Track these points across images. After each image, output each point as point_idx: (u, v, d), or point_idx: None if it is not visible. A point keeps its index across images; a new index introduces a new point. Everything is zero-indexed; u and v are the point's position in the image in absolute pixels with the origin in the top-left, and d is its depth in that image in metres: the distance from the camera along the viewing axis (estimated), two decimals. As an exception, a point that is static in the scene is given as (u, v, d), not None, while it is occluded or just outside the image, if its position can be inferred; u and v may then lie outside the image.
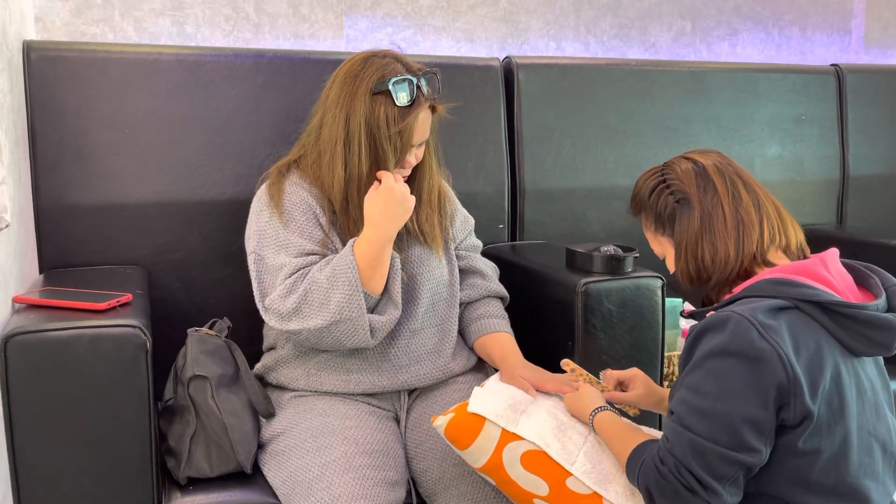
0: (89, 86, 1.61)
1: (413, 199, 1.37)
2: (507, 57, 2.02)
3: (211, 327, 1.44)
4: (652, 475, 1.04)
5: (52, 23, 1.81)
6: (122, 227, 1.65)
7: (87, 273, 1.56)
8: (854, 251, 1.16)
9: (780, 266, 1.10)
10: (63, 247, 1.61)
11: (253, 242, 1.41)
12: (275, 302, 1.33)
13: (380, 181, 1.36)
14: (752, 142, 2.25)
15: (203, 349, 1.38)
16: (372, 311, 1.35)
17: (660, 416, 1.58)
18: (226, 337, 1.44)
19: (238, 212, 1.59)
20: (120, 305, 1.29)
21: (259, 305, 1.38)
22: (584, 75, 2.06)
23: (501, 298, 1.60)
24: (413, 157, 1.42)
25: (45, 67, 1.59)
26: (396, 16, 2.13)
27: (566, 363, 1.39)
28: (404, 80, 1.35)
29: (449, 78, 1.90)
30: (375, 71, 1.37)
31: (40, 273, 1.61)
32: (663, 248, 1.21)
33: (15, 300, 1.32)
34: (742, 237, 1.11)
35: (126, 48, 1.68)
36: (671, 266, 1.20)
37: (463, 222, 1.60)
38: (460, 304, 1.56)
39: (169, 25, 1.90)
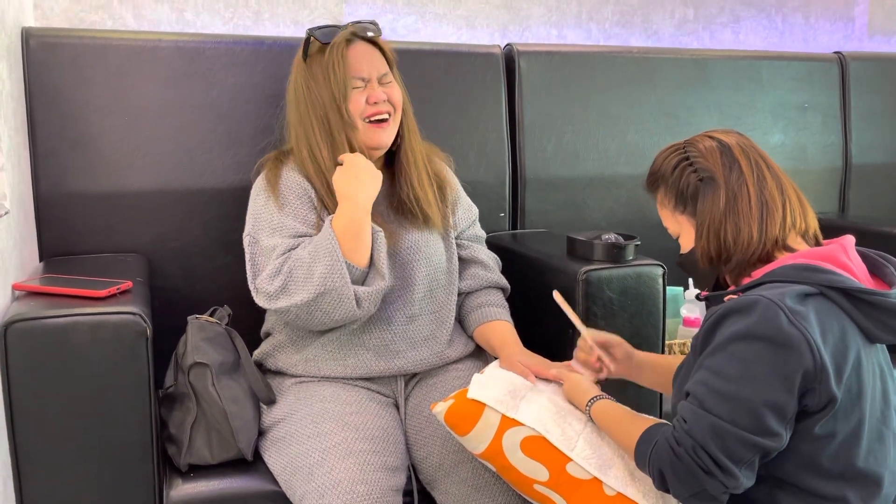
0: (88, 73, 1.61)
1: (379, 173, 1.38)
2: (508, 44, 2.01)
3: (211, 315, 1.44)
4: (666, 456, 1.03)
5: (51, 10, 1.81)
6: (123, 215, 1.64)
7: (87, 261, 1.56)
8: (857, 240, 1.15)
9: (803, 252, 1.10)
10: (63, 234, 1.61)
11: (249, 225, 1.43)
12: (263, 282, 1.35)
13: (341, 163, 1.38)
14: (754, 130, 2.23)
15: (203, 336, 1.38)
16: (360, 285, 1.35)
17: (660, 398, 1.58)
18: (226, 324, 1.44)
19: (238, 199, 1.58)
20: (120, 293, 1.29)
21: (251, 286, 1.38)
22: (585, 63, 2.05)
23: (503, 289, 1.60)
24: (372, 93, 1.41)
25: (44, 54, 1.58)
26: (397, 2, 2.12)
27: (557, 294, 1.37)
28: (323, 26, 1.43)
29: (450, 65, 1.91)
30: (305, 42, 1.45)
31: (40, 261, 1.61)
32: (680, 226, 1.18)
33: (15, 287, 1.32)
34: (766, 220, 1.10)
35: (125, 35, 1.67)
36: (686, 245, 1.18)
37: (466, 210, 1.60)
38: (461, 294, 1.56)
39: (168, 12, 1.90)
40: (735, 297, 1.07)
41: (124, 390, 1.22)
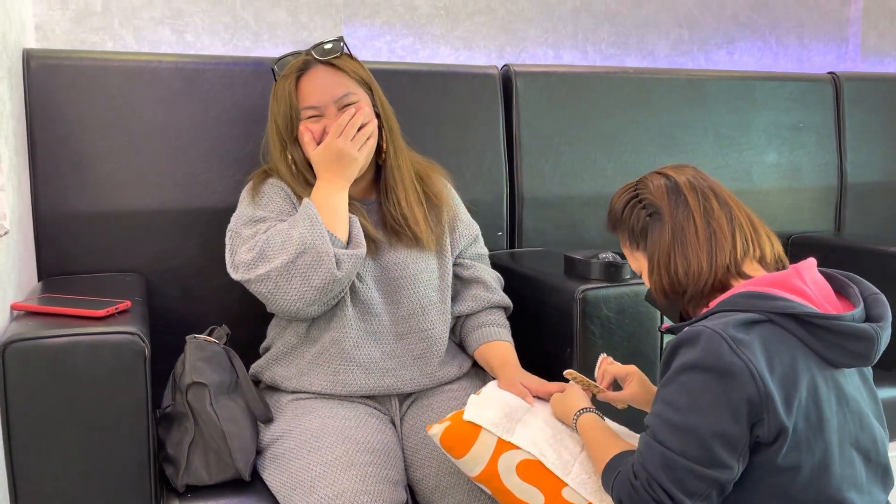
0: (89, 94, 1.62)
1: (358, 157, 1.39)
2: (505, 65, 2.03)
3: (210, 334, 1.44)
4: (625, 487, 1.04)
5: (52, 31, 1.82)
6: (121, 235, 1.65)
7: (85, 280, 1.56)
8: (852, 258, 1.15)
9: (755, 279, 1.09)
10: (62, 254, 1.62)
11: (231, 222, 1.46)
12: (240, 255, 1.37)
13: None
14: (749, 149, 2.25)
15: (201, 356, 1.38)
16: None
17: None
18: (224, 344, 1.44)
19: (237, 219, 1.59)
20: (118, 312, 1.29)
21: (230, 268, 1.40)
22: (582, 83, 2.07)
23: (504, 308, 1.60)
24: (329, 124, 1.41)
25: (44, 76, 1.59)
26: (395, 24, 2.14)
27: (569, 373, 1.38)
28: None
29: (447, 86, 1.92)
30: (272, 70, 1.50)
31: (39, 280, 1.61)
32: (639, 263, 1.20)
33: (13, 307, 1.32)
34: (714, 249, 1.10)
35: (125, 56, 1.69)
36: (647, 281, 1.19)
37: (466, 228, 1.60)
38: (461, 317, 1.56)
39: (168, 34, 1.91)
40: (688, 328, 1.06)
41: (122, 410, 1.22)
